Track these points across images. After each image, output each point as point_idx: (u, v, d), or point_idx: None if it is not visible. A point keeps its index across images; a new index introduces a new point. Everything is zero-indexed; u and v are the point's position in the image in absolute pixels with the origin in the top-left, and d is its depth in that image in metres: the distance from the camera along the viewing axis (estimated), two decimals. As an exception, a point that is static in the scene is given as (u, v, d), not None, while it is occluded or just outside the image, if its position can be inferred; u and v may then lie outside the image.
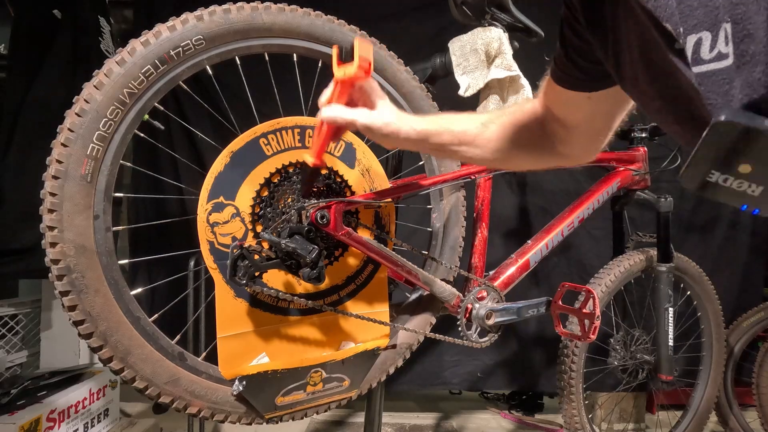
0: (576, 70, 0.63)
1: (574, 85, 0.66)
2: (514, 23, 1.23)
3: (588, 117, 0.70)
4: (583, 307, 1.09)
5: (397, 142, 0.81)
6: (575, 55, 0.61)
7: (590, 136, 0.74)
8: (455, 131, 0.81)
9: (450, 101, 1.28)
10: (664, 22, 0.39)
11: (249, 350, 0.89)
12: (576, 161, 0.81)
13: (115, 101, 0.76)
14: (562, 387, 1.47)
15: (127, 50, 0.78)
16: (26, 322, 1.98)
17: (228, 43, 0.86)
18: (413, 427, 2.01)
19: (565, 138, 0.75)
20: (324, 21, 0.96)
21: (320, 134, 0.79)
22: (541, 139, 0.78)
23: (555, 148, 0.78)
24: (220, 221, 0.85)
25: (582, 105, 0.68)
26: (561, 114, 0.73)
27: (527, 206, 2.06)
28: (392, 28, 1.91)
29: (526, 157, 0.82)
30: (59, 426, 1.57)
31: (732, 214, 2.09)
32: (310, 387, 0.94)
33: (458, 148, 0.82)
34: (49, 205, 0.72)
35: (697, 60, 0.37)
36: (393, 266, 0.99)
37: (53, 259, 0.72)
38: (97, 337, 0.75)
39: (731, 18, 0.35)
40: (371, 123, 0.77)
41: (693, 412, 1.71)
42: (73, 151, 0.73)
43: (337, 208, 0.88)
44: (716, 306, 1.71)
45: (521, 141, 0.80)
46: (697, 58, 0.37)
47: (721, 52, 0.36)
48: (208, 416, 0.85)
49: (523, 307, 1.12)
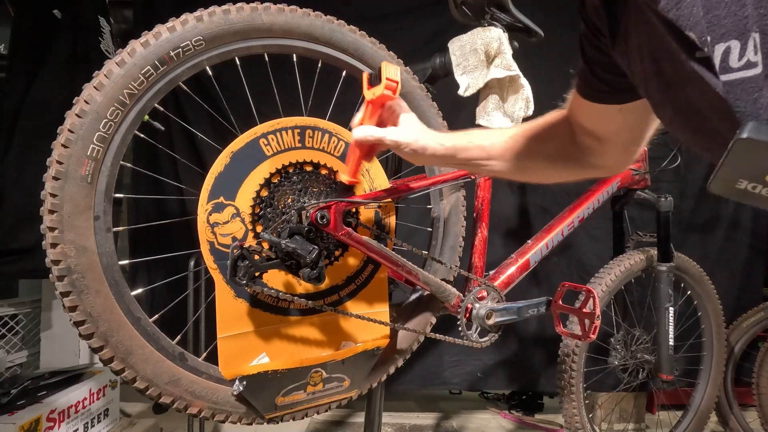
0: (602, 84, 0.64)
1: (601, 99, 0.66)
2: (514, 23, 1.23)
3: (620, 128, 0.70)
4: (583, 307, 1.09)
5: (423, 157, 0.83)
6: (599, 69, 0.62)
7: (624, 146, 0.74)
8: (484, 144, 0.82)
9: (450, 101, 1.28)
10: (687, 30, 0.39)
11: (249, 350, 0.89)
12: (610, 172, 0.82)
13: (115, 102, 0.76)
14: (562, 387, 1.47)
15: (127, 51, 0.77)
16: (26, 322, 1.98)
17: (228, 44, 0.86)
18: (413, 427, 2.01)
19: (598, 150, 0.75)
20: (324, 21, 0.96)
21: (353, 154, 0.87)
22: (572, 151, 0.78)
23: (587, 160, 0.78)
24: (221, 221, 0.85)
25: (613, 117, 0.68)
26: (592, 127, 0.72)
27: (527, 206, 2.06)
28: (392, 28, 1.92)
29: (555, 169, 0.82)
30: (59, 426, 1.57)
31: (732, 214, 2.09)
32: (310, 387, 0.94)
33: (486, 163, 0.83)
34: (50, 206, 0.72)
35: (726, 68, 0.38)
36: (393, 266, 0.98)
37: (54, 260, 0.72)
38: (98, 338, 0.75)
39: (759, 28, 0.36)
40: (399, 139, 0.81)
41: (693, 412, 1.71)
42: (74, 152, 0.73)
43: (336, 208, 0.88)
44: (717, 305, 1.71)
45: (551, 153, 0.80)
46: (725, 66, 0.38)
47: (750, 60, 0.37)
48: (208, 416, 0.85)
49: (523, 307, 1.12)
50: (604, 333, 1.57)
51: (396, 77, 0.79)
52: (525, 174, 0.85)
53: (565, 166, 0.80)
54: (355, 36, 1.00)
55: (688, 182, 2.07)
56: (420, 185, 1.06)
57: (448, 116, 1.17)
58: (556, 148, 0.79)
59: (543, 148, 0.80)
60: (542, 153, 0.80)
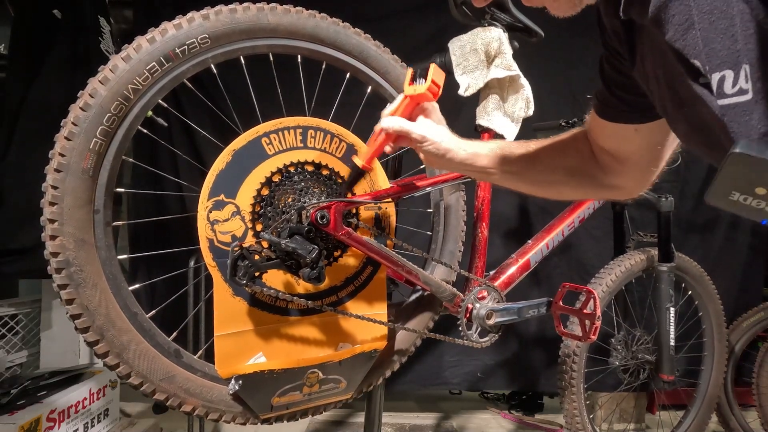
0: (621, 104, 0.67)
1: (619, 118, 0.69)
2: (514, 23, 1.23)
3: (638, 148, 0.72)
4: (583, 308, 1.09)
5: (444, 160, 0.84)
6: (618, 89, 0.65)
7: (642, 167, 0.76)
8: (503, 155, 0.83)
9: (450, 101, 1.28)
10: (692, 59, 0.44)
11: (246, 349, 0.88)
12: (627, 194, 0.83)
13: (120, 97, 0.76)
14: (563, 387, 1.47)
15: (133, 47, 0.78)
16: (26, 322, 1.97)
17: (233, 43, 0.86)
18: (413, 427, 2.01)
19: (617, 170, 0.77)
20: (329, 23, 0.96)
21: (376, 141, 0.87)
22: (592, 169, 0.79)
23: (606, 180, 0.79)
24: (221, 219, 0.85)
25: (631, 137, 0.70)
26: (610, 146, 0.75)
27: (527, 206, 2.06)
28: (392, 28, 1.92)
29: (573, 185, 0.83)
30: (59, 426, 1.57)
31: (732, 215, 2.09)
32: (306, 388, 0.93)
33: (503, 173, 0.84)
34: (51, 198, 0.72)
35: (721, 94, 0.43)
36: (393, 266, 0.98)
37: (52, 252, 0.72)
38: (93, 332, 0.75)
39: (749, 60, 0.41)
40: (427, 135, 0.83)
41: (694, 412, 1.71)
42: (76, 144, 0.73)
43: (337, 208, 0.88)
44: (717, 306, 1.70)
45: (571, 168, 0.81)
46: (721, 92, 0.43)
47: (741, 88, 0.42)
48: (202, 414, 0.85)
49: (523, 308, 1.12)
50: (604, 333, 1.57)
51: (441, 83, 0.82)
52: (542, 187, 0.86)
53: (582, 182, 0.82)
54: (360, 39, 1.00)
55: (689, 183, 2.07)
56: (420, 186, 1.06)
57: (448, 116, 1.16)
58: (577, 163, 0.80)
59: (563, 163, 0.81)
60: (562, 167, 0.81)
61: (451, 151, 0.83)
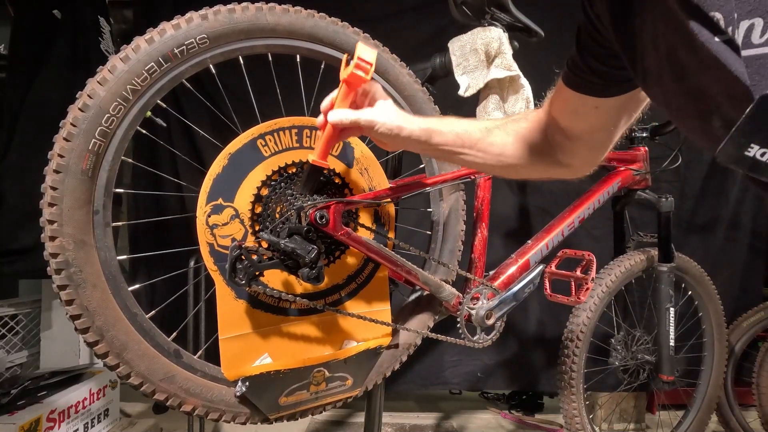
0: (592, 75, 0.66)
1: (585, 88, 0.68)
2: (514, 23, 1.23)
3: (591, 128, 0.73)
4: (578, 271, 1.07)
5: (398, 140, 0.82)
6: (593, 59, 0.64)
7: (591, 147, 0.78)
8: (458, 132, 0.82)
9: (450, 101, 1.28)
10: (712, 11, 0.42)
11: (251, 351, 0.88)
12: (575, 173, 0.85)
13: (118, 97, 0.76)
14: (562, 387, 1.47)
15: (131, 47, 0.77)
16: (26, 322, 1.98)
17: (232, 43, 0.86)
18: (413, 427, 2.01)
19: (567, 148, 0.78)
20: (327, 23, 0.96)
21: (324, 135, 0.83)
22: (544, 148, 0.81)
23: (556, 158, 0.81)
24: (220, 223, 0.85)
25: (588, 114, 0.71)
26: (565, 124, 0.75)
27: (527, 206, 2.06)
28: (392, 28, 1.92)
29: (527, 165, 0.84)
30: (59, 426, 1.57)
31: (733, 215, 2.09)
32: (313, 386, 0.94)
33: (460, 150, 0.83)
34: (50, 199, 0.72)
35: (748, 44, 0.41)
36: (392, 266, 0.98)
37: (52, 253, 0.72)
38: (93, 332, 0.74)
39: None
40: (375, 118, 0.79)
41: (694, 412, 1.71)
42: (75, 145, 0.73)
43: (336, 208, 0.88)
44: (717, 306, 1.70)
45: (524, 149, 0.82)
46: (747, 42, 0.41)
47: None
48: (202, 414, 0.85)
49: (518, 291, 1.12)
50: (604, 334, 1.57)
51: (370, 59, 0.77)
52: (499, 168, 0.86)
53: (536, 162, 0.83)
54: (359, 38, 1.00)
55: (689, 183, 2.07)
56: (420, 185, 1.05)
57: (449, 116, 1.17)
58: (530, 144, 0.82)
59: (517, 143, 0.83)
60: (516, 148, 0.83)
61: (404, 128, 0.80)
